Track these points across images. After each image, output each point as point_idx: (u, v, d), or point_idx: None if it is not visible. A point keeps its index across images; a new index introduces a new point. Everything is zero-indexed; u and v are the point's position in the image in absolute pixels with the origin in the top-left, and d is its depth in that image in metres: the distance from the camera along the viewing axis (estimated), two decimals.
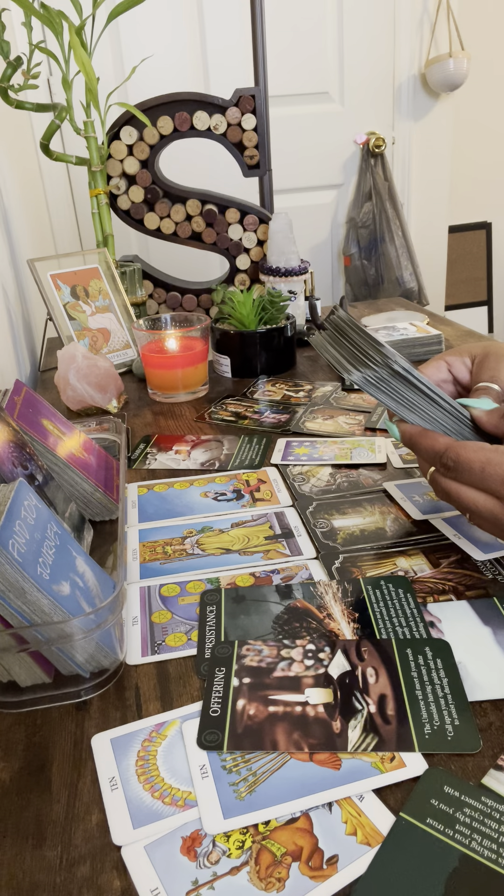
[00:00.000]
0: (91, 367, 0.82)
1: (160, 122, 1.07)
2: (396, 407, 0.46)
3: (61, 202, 1.92)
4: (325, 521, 0.57)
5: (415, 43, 2.04)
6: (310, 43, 1.96)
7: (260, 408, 0.83)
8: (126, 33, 1.82)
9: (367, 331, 0.45)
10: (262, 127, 1.08)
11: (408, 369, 0.44)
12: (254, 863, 0.30)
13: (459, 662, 0.40)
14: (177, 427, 0.79)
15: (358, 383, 0.45)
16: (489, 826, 0.31)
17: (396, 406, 0.46)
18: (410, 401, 0.46)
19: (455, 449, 0.44)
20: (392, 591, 0.47)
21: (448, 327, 1.12)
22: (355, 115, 2.08)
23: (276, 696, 0.39)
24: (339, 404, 0.82)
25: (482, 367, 0.50)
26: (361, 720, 0.37)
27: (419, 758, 0.35)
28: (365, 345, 0.45)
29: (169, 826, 0.32)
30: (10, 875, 0.31)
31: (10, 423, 0.52)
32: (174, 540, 0.56)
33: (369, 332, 0.45)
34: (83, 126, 1.04)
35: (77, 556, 0.43)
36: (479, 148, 2.36)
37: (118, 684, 0.41)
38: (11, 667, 0.40)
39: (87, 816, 0.33)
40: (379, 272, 2.10)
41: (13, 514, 0.39)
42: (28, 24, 0.97)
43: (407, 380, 0.45)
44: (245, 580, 0.50)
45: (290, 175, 2.07)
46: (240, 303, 0.91)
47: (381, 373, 0.44)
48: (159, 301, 1.19)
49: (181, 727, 0.38)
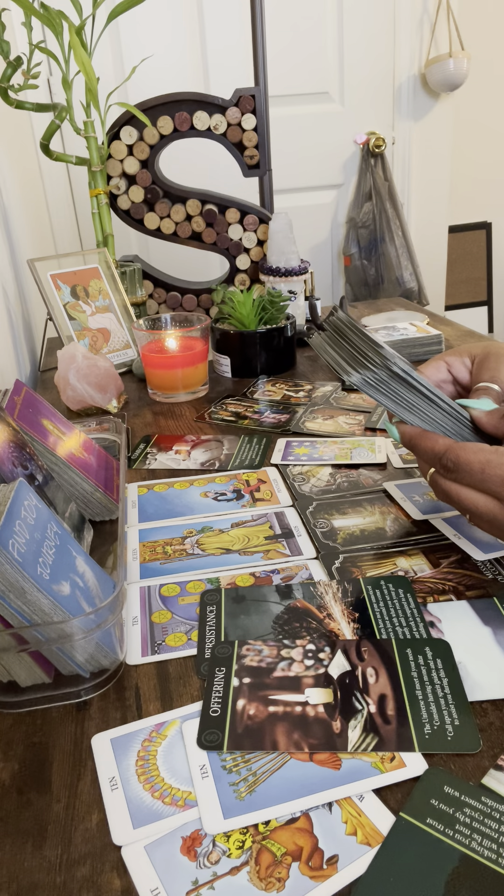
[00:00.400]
0: (91, 367, 0.82)
1: (160, 122, 1.07)
2: (395, 408, 0.46)
3: (61, 202, 1.92)
4: (325, 521, 0.57)
5: (415, 43, 2.04)
6: (310, 43, 1.96)
7: (260, 408, 0.83)
8: (126, 33, 1.82)
9: (366, 332, 0.45)
10: (262, 127, 1.08)
11: (407, 371, 0.44)
12: (254, 863, 0.30)
13: (459, 662, 0.40)
14: (177, 427, 0.79)
15: (357, 385, 0.45)
16: (489, 826, 0.31)
17: (396, 407, 0.46)
18: (410, 402, 0.46)
19: (455, 450, 0.44)
20: (392, 591, 0.47)
21: (448, 327, 1.12)
22: (355, 115, 2.08)
23: (276, 696, 0.39)
24: (339, 404, 0.82)
25: (482, 368, 0.50)
26: (361, 720, 0.37)
27: (419, 758, 0.35)
28: (364, 346, 0.45)
29: (169, 826, 0.32)
30: (10, 875, 0.31)
31: (10, 423, 0.52)
32: (174, 540, 0.56)
33: (368, 334, 0.45)
34: (83, 126, 1.04)
35: (77, 556, 0.43)
36: (479, 148, 2.36)
37: (118, 684, 0.41)
38: (11, 667, 0.40)
39: (87, 816, 0.33)
40: (379, 272, 2.10)
41: (13, 514, 0.39)
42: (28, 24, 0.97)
43: (406, 381, 0.45)
44: (245, 580, 0.50)
45: (290, 175, 2.07)
46: (240, 303, 0.91)
47: (380, 374, 0.44)
48: (159, 301, 1.19)
49: (181, 727, 0.38)
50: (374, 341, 0.44)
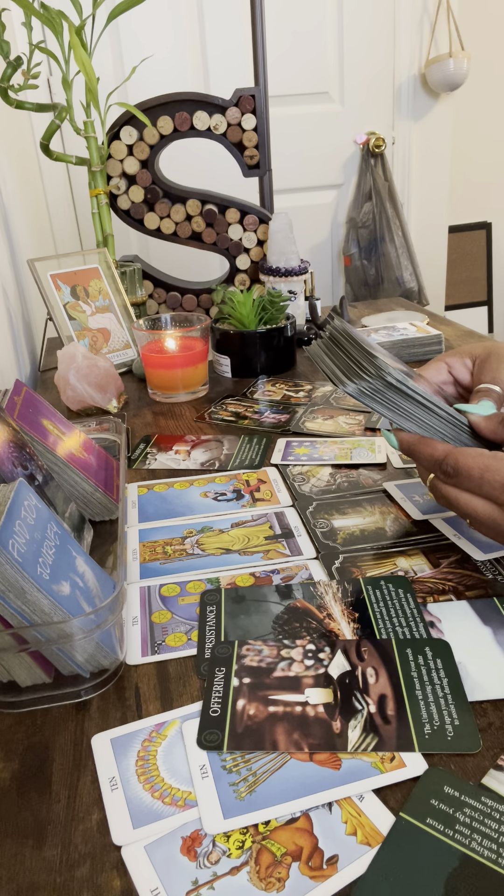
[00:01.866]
0: (91, 367, 0.82)
1: (160, 122, 1.07)
2: (393, 416, 0.46)
3: (61, 202, 1.92)
4: (325, 521, 0.57)
5: (415, 43, 2.04)
6: (310, 43, 1.96)
7: (260, 408, 0.83)
8: (126, 33, 1.82)
9: (361, 341, 0.45)
10: (262, 127, 1.08)
11: (401, 380, 0.44)
12: (254, 863, 0.30)
13: (459, 662, 0.40)
14: (177, 427, 0.79)
15: (352, 394, 0.45)
16: (489, 826, 0.31)
17: (392, 415, 0.46)
18: (406, 410, 0.46)
19: (454, 455, 0.44)
20: (392, 591, 0.47)
21: (448, 327, 1.12)
22: (355, 115, 2.08)
23: (276, 696, 0.39)
24: (339, 404, 0.82)
25: (483, 369, 0.50)
26: (361, 720, 0.37)
27: (419, 758, 0.35)
28: (359, 356, 0.45)
29: (169, 826, 0.32)
30: (10, 875, 0.31)
31: (10, 423, 0.52)
32: (174, 540, 0.56)
33: (364, 343, 0.45)
34: (83, 126, 1.04)
35: (77, 556, 0.43)
36: (479, 148, 2.36)
37: (118, 684, 0.41)
38: (11, 667, 0.40)
39: (87, 816, 0.33)
40: (379, 272, 2.10)
41: (13, 514, 0.39)
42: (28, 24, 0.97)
43: (401, 391, 0.45)
44: (245, 580, 0.50)
45: (290, 175, 2.07)
46: (240, 303, 0.91)
47: (375, 384, 0.44)
48: (159, 301, 1.19)
49: (181, 727, 0.38)
50: (368, 351, 0.44)
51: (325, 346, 0.48)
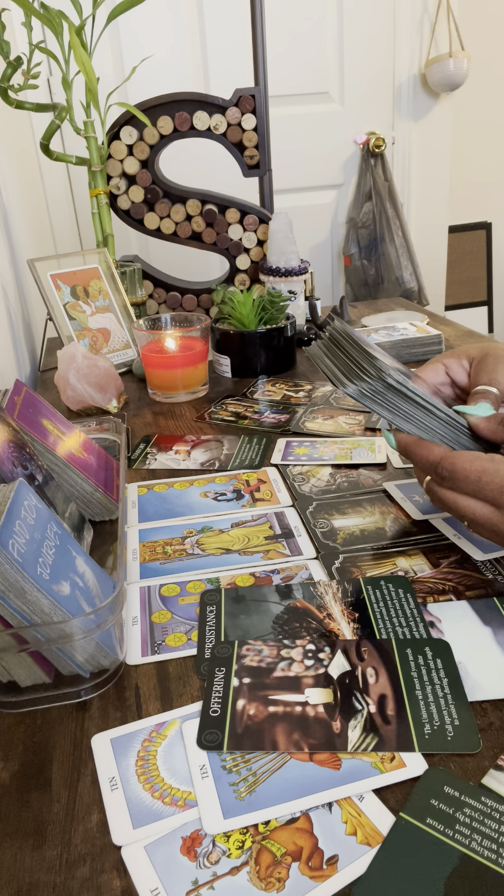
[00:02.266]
0: (91, 367, 0.82)
1: (160, 122, 1.07)
2: (392, 417, 0.46)
3: (61, 202, 1.92)
4: (325, 521, 0.57)
5: (415, 43, 2.04)
6: (310, 43, 1.96)
7: (260, 408, 0.83)
8: (126, 33, 1.82)
9: (361, 342, 0.45)
10: (262, 127, 1.08)
11: (402, 382, 0.44)
12: (254, 863, 0.30)
13: (459, 662, 0.40)
14: (177, 427, 0.79)
15: (352, 395, 0.45)
16: (489, 826, 0.31)
17: (392, 417, 0.46)
18: (405, 411, 0.46)
19: (450, 459, 0.44)
20: (392, 591, 0.47)
21: (448, 327, 1.12)
22: (355, 115, 2.08)
23: (276, 696, 0.39)
24: (339, 404, 0.82)
25: (480, 370, 0.50)
26: (361, 720, 0.37)
27: (419, 758, 0.35)
28: (359, 357, 0.45)
29: (169, 826, 0.32)
30: (10, 875, 0.31)
31: (10, 423, 0.52)
32: (174, 540, 0.56)
33: (364, 344, 0.45)
34: (83, 126, 1.04)
35: (77, 556, 0.43)
36: (479, 148, 2.36)
37: (118, 684, 0.41)
38: (11, 667, 0.40)
39: (87, 816, 0.33)
40: (379, 272, 2.10)
41: (13, 514, 0.39)
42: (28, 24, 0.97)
43: (401, 392, 0.45)
44: (245, 580, 0.50)
45: (290, 175, 2.06)
46: (240, 303, 0.91)
47: (375, 385, 0.44)
48: (159, 301, 1.19)
49: (181, 727, 0.38)
50: (368, 352, 0.44)
51: (325, 346, 0.48)
